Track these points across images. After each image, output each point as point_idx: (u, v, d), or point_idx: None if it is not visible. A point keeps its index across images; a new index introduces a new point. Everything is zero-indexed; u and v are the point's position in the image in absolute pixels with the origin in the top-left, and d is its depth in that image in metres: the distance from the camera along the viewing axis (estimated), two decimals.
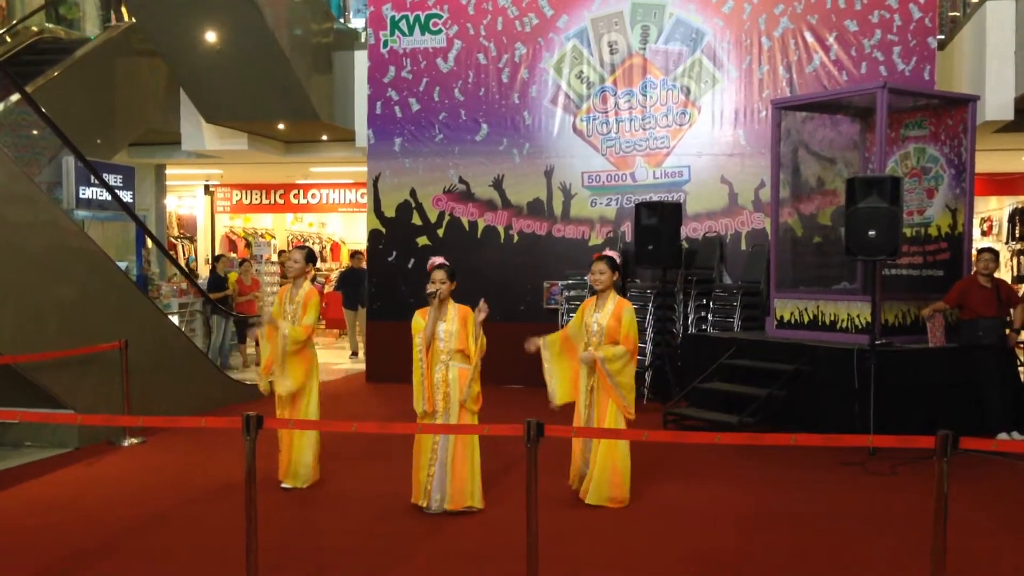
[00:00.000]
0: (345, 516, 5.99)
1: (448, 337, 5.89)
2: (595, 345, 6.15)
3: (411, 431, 5.83)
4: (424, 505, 5.91)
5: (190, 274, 15.44)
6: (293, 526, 5.76)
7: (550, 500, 6.05)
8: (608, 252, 6.37)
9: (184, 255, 20.47)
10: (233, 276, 14.39)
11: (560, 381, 6.23)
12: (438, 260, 6.03)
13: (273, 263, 19.86)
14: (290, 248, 21.64)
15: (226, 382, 10.41)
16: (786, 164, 9.82)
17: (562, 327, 11.24)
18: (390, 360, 12.16)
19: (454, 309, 5.99)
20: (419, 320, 5.98)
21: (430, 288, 5.91)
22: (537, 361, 11.13)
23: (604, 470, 6.12)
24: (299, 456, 6.65)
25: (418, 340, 5.92)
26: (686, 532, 5.68)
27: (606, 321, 6.14)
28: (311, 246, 22.68)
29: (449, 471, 5.89)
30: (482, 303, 5.85)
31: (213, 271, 14.15)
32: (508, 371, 11.87)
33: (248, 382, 11.29)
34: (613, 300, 6.22)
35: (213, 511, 6.08)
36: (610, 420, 6.08)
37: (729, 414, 8.59)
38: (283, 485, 6.65)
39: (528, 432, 4.33)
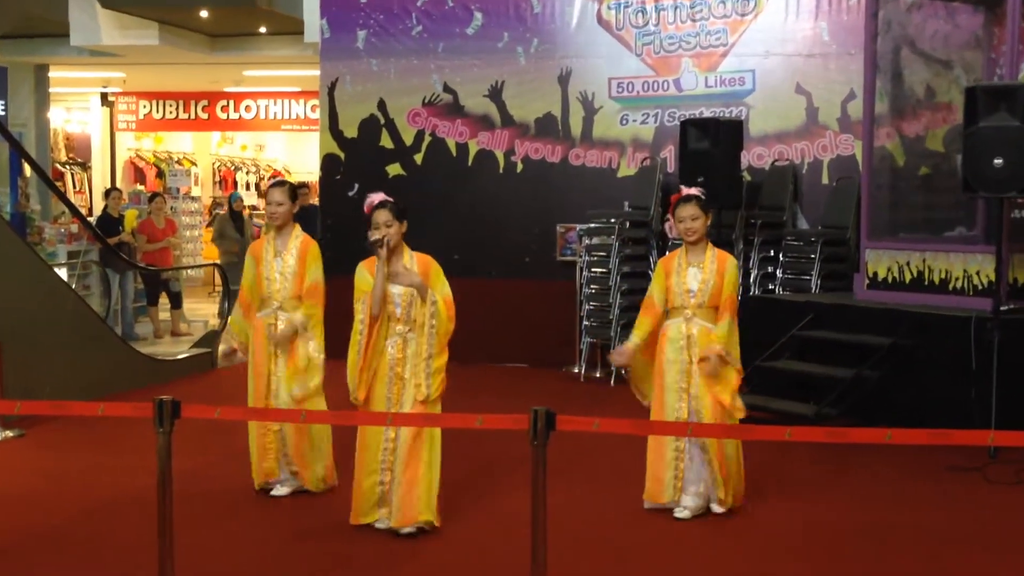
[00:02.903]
0: (292, 537, 6.02)
1: (408, 300, 5.87)
2: (693, 309, 6.21)
3: (379, 423, 5.84)
4: (374, 521, 5.93)
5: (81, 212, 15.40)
6: (221, 547, 5.80)
7: (563, 515, 6.08)
8: (693, 190, 6.37)
9: (75, 186, 20.43)
10: (131, 215, 14.34)
11: (644, 376, 6.43)
12: (377, 197, 5.98)
13: (194, 199, 19.84)
14: (261, 184, 21.61)
15: (132, 357, 10.43)
16: (885, 68, 9.74)
17: (583, 284, 11.38)
18: (349, 329, 12.15)
19: (412, 260, 5.95)
20: (366, 277, 5.93)
21: (373, 235, 5.85)
22: (545, 333, 11.17)
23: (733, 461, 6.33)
24: (309, 458, 6.75)
25: (360, 305, 5.90)
26: (744, 558, 5.71)
27: (713, 279, 6.20)
28: (240, 178, 22.68)
29: (400, 476, 5.85)
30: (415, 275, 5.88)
31: (104, 210, 14.10)
32: (508, 345, 11.89)
33: (161, 356, 11.30)
34: (712, 251, 6.29)
35: (117, 529, 6.12)
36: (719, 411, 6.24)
37: (803, 402, 8.60)
38: (278, 490, 6.74)
39: (534, 425, 4.33)
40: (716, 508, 6.33)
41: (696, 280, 6.22)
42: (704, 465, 6.27)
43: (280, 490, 6.76)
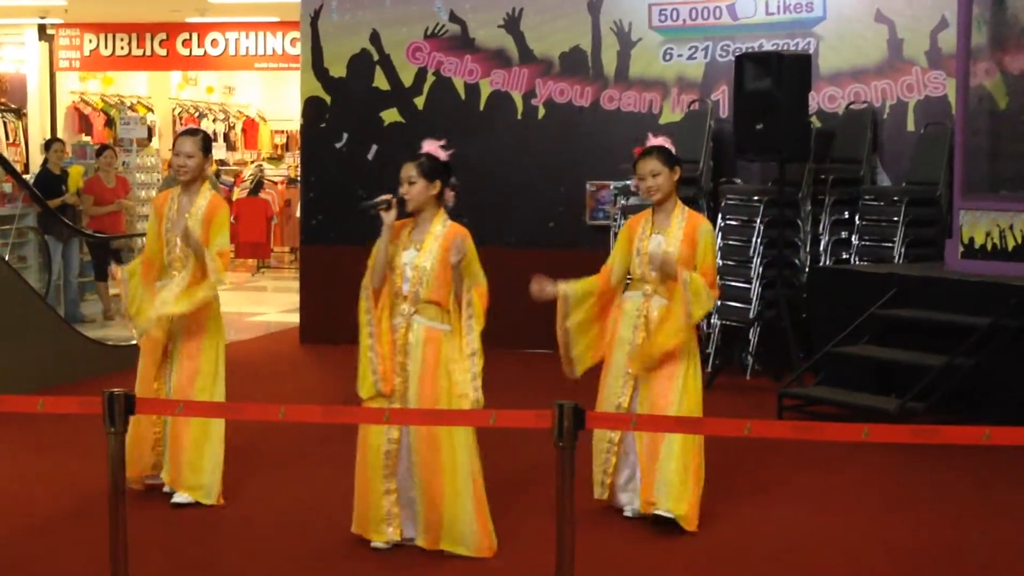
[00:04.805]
0: (269, 555, 6.06)
1: (419, 275, 5.86)
2: (654, 284, 6.26)
3: (374, 420, 5.86)
4: (384, 542, 5.93)
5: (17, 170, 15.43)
6: (184, 569, 5.83)
7: (594, 531, 6.10)
8: (657, 140, 6.45)
9: (8, 137, 20.48)
10: (75, 172, 14.35)
11: (585, 346, 6.44)
12: (431, 146, 5.98)
13: (150, 152, 19.85)
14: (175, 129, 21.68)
15: (77, 342, 10.47)
16: None
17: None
18: (338, 309, 12.17)
19: (441, 230, 5.96)
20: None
21: (401, 192, 5.87)
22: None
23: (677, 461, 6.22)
24: (197, 458, 6.69)
25: (367, 278, 5.91)
26: None
27: (677, 247, 6.22)
28: (206, 126, 22.72)
29: (420, 490, 5.85)
30: (460, 242, 5.83)
31: (43, 166, 14.11)
32: (528, 327, 11.88)
33: (112, 341, 11.35)
34: (681, 214, 6.34)
35: (61, 547, 6.15)
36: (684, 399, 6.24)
37: (884, 395, 8.59)
38: (176, 498, 6.72)
39: (560, 422, 4.34)
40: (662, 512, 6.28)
41: (659, 250, 6.25)
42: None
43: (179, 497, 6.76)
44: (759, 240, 10.74)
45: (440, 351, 5.85)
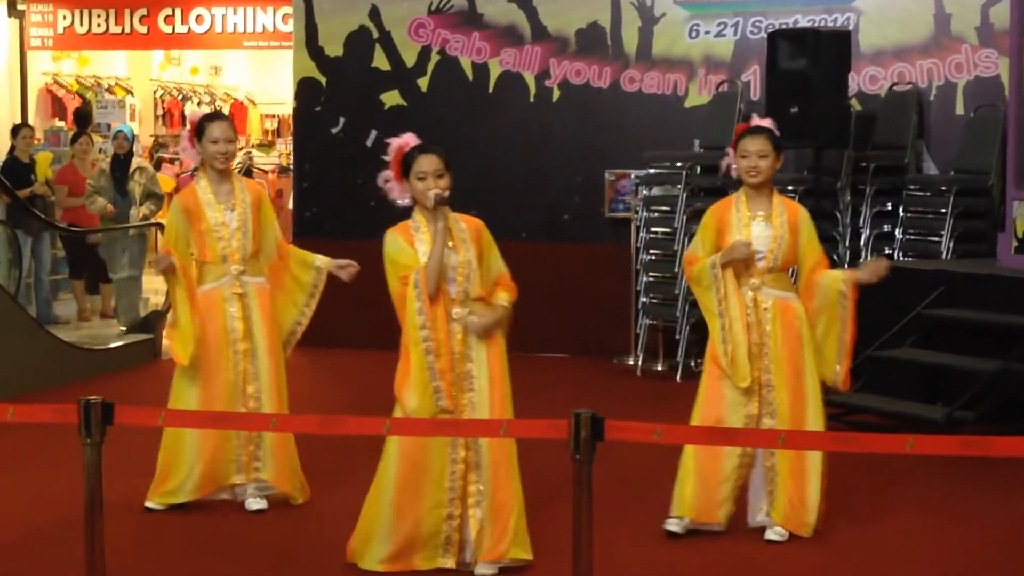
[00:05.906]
0: (256, 571, 6.06)
1: (466, 273, 5.87)
2: (761, 275, 6.36)
3: (375, 430, 5.86)
4: (452, 565, 5.91)
5: None
6: None
7: (613, 551, 6.09)
8: (764, 121, 6.63)
9: None
10: (44, 160, 14.33)
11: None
12: (411, 139, 5.94)
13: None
14: (190, 110, 21.65)
15: (50, 345, 10.49)
16: None
17: (640, 249, 11.36)
18: (335, 309, 12.18)
19: (459, 223, 5.95)
20: (405, 247, 5.85)
21: (430, 190, 5.80)
22: (591, 313, 10.98)
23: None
24: (293, 459, 7.03)
25: (412, 287, 5.80)
26: None
27: (786, 235, 6.37)
28: (190, 110, 22.72)
29: (490, 503, 5.87)
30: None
31: (10, 153, 14.11)
32: (543, 329, 11.89)
33: (87, 345, 11.35)
34: (778, 200, 6.52)
35: (33, 568, 6.15)
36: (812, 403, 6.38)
37: (931, 403, 8.58)
38: (254, 500, 6.91)
39: (576, 433, 4.33)
40: (773, 535, 6.41)
41: (766, 237, 6.35)
42: (763, 476, 6.42)
43: (258, 503, 6.94)
44: None
45: (497, 348, 5.96)
